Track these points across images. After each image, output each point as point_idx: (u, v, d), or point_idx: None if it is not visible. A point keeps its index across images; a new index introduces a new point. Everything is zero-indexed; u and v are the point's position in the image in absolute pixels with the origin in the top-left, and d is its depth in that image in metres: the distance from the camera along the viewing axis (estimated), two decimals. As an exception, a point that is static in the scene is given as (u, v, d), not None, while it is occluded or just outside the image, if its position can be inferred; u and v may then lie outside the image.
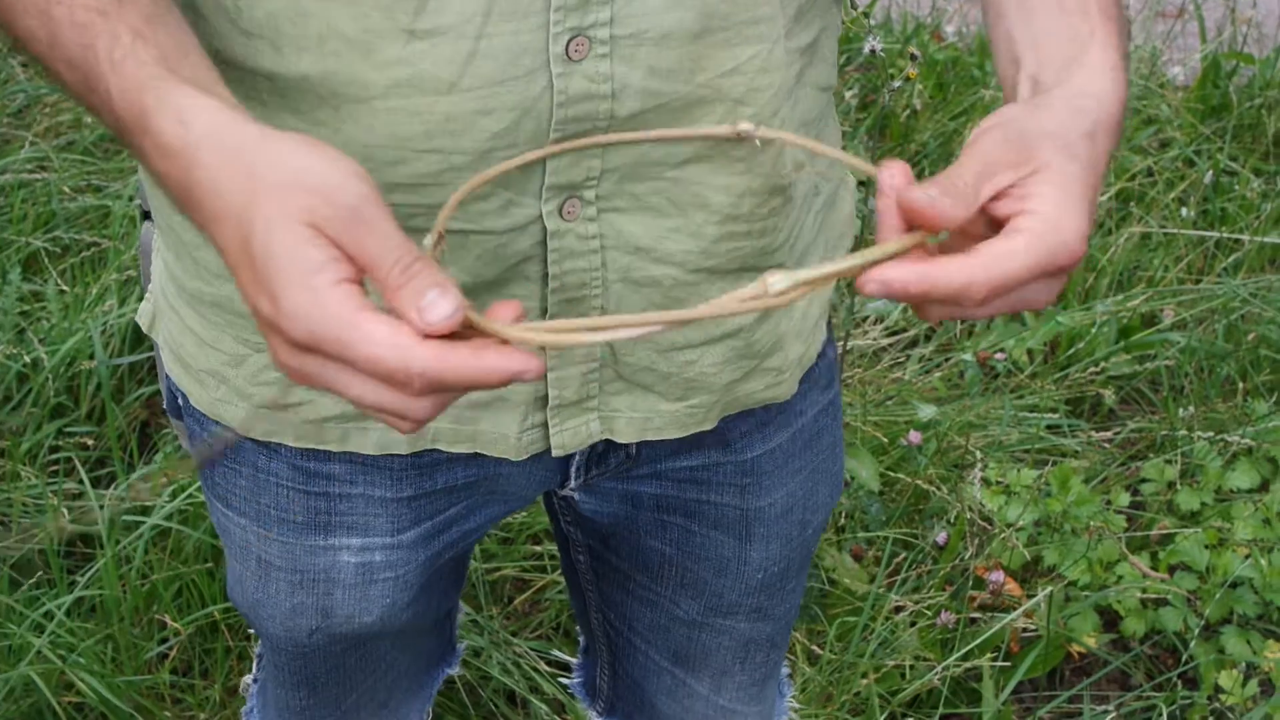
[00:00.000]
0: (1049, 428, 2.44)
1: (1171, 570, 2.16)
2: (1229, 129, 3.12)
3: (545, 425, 1.02)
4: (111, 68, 0.74)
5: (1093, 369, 2.52)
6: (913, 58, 2.65)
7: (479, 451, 1.02)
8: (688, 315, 0.69)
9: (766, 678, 1.32)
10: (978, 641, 1.97)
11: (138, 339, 2.40)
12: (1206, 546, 2.17)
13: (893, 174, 0.74)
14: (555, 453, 1.03)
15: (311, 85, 0.84)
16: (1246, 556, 2.13)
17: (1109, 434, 2.46)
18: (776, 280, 0.70)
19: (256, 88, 0.86)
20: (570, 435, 1.03)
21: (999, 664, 2.00)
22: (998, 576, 2.04)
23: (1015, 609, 2.04)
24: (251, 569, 1.13)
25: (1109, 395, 2.49)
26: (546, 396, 1.00)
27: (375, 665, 1.22)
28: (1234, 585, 2.11)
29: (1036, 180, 0.76)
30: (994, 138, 0.78)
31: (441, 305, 0.68)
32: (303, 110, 0.86)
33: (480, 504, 1.11)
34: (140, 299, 2.38)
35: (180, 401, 1.09)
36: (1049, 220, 0.75)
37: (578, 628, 1.49)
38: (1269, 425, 2.36)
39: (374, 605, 1.11)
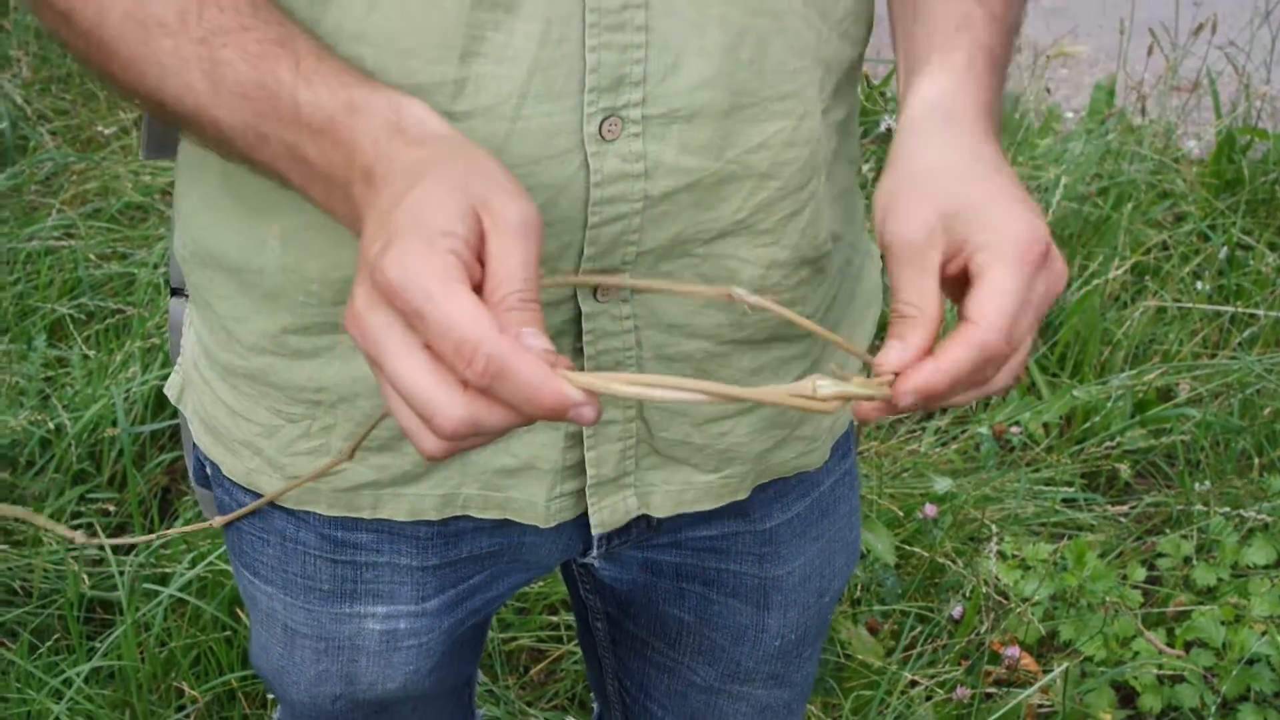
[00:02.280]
0: (1065, 501, 2.44)
1: (1188, 646, 2.16)
2: (1243, 203, 3.14)
3: (574, 495, 1.03)
4: (300, 77, 0.76)
5: (1108, 443, 2.53)
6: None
7: (508, 518, 1.03)
8: (736, 393, 0.70)
9: None
10: (994, 718, 1.97)
11: (160, 406, 2.42)
12: (1223, 623, 2.16)
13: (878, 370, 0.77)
14: (595, 530, 1.04)
15: None
16: (1263, 633, 2.12)
17: (1125, 508, 2.46)
18: (824, 385, 0.72)
19: None
20: (609, 512, 1.04)
21: (1015, 740, 2.00)
22: (1014, 652, 2.04)
23: (1031, 684, 2.04)
24: (277, 636, 1.14)
25: (1124, 469, 2.50)
26: (576, 467, 1.01)
27: None
28: (1251, 662, 2.11)
29: (956, 223, 0.78)
30: (896, 229, 0.79)
31: (538, 340, 0.67)
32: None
33: (504, 572, 1.12)
34: (164, 365, 2.42)
35: (210, 471, 1.10)
36: (997, 238, 0.77)
37: (592, 695, 1.50)
38: (1285, 501, 2.37)
39: (397, 672, 1.12)
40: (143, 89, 0.80)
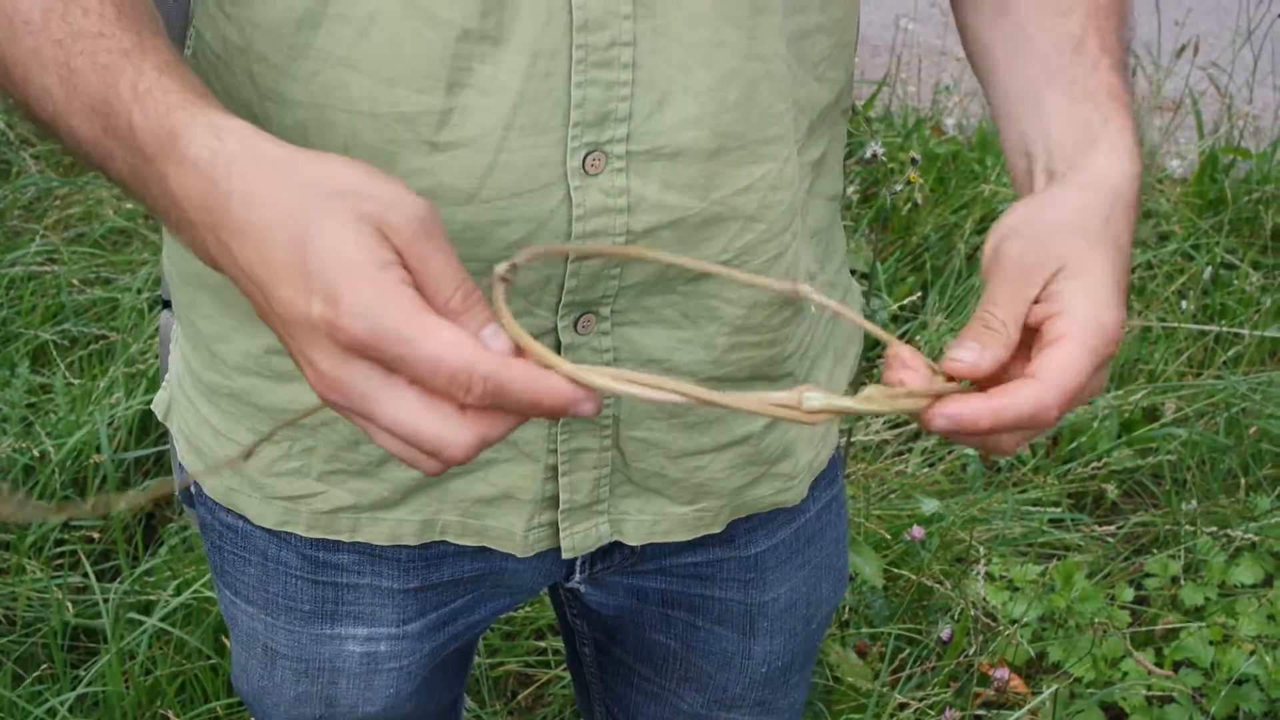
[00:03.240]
0: (1052, 522, 2.44)
1: (1176, 666, 2.16)
2: (1226, 223, 3.15)
3: (552, 525, 1.03)
4: (135, 98, 0.72)
5: (1095, 463, 2.53)
6: (913, 162, 2.68)
7: (486, 546, 1.03)
8: (716, 398, 0.68)
9: None
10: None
11: (144, 431, 2.41)
12: (1211, 643, 2.16)
13: (906, 364, 0.76)
14: (565, 554, 1.04)
15: None
16: (1252, 653, 2.12)
17: (1112, 528, 2.46)
18: (813, 397, 0.70)
19: None
20: (580, 538, 1.04)
21: (1004, 762, 1.99)
22: (1003, 674, 2.04)
23: (1020, 706, 2.03)
24: (258, 656, 1.14)
25: (1111, 489, 2.50)
26: (555, 498, 1.01)
27: None
28: (1239, 682, 2.10)
29: (1063, 278, 0.78)
30: (1013, 249, 0.80)
31: (500, 341, 0.67)
32: None
33: (486, 596, 1.12)
34: (148, 390, 2.41)
35: (193, 489, 1.10)
36: (1087, 317, 0.77)
37: None
38: (1272, 520, 2.37)
39: (378, 695, 1.12)
40: (10, 88, 0.78)
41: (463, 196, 0.85)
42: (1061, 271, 0.78)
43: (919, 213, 3.11)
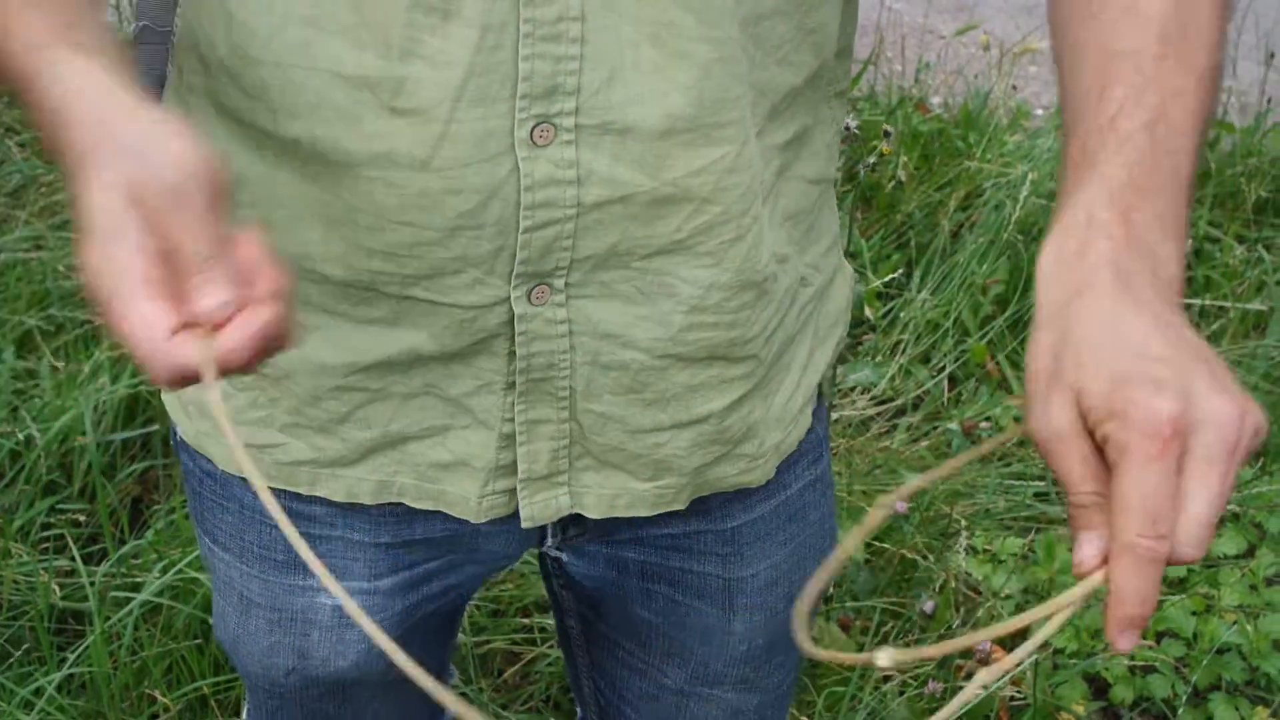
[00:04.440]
0: (1036, 495, 2.45)
1: (1159, 637, 2.17)
2: (1210, 196, 3.16)
3: (508, 493, 1.04)
4: (6, 35, 0.77)
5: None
6: (886, 134, 2.69)
7: (440, 509, 1.05)
8: None
9: None
10: (965, 709, 1.97)
11: (130, 416, 2.42)
12: (1193, 613, 2.18)
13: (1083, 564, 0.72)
14: (524, 524, 1.05)
15: (303, 148, 0.88)
16: (1234, 623, 2.13)
17: (1096, 501, 2.46)
18: (882, 658, 0.69)
19: (258, 143, 0.91)
20: (540, 508, 1.04)
21: (988, 733, 2.00)
22: (985, 645, 2.05)
23: (1003, 677, 2.04)
24: (234, 604, 1.15)
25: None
26: (510, 466, 1.02)
27: (358, 718, 1.23)
28: (1221, 651, 2.12)
29: (1104, 399, 0.71)
30: (1040, 426, 0.74)
31: (210, 298, 0.71)
32: (297, 167, 0.90)
33: (461, 561, 1.12)
34: (134, 374, 2.41)
35: (175, 437, 1.13)
36: (1119, 430, 0.70)
37: (573, 698, 1.50)
38: (1254, 491, 2.38)
39: (349, 649, 1.13)
40: None
41: (416, 163, 0.86)
42: (1081, 405, 0.72)
43: (903, 190, 3.11)
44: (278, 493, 1.06)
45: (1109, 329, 0.73)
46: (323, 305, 0.96)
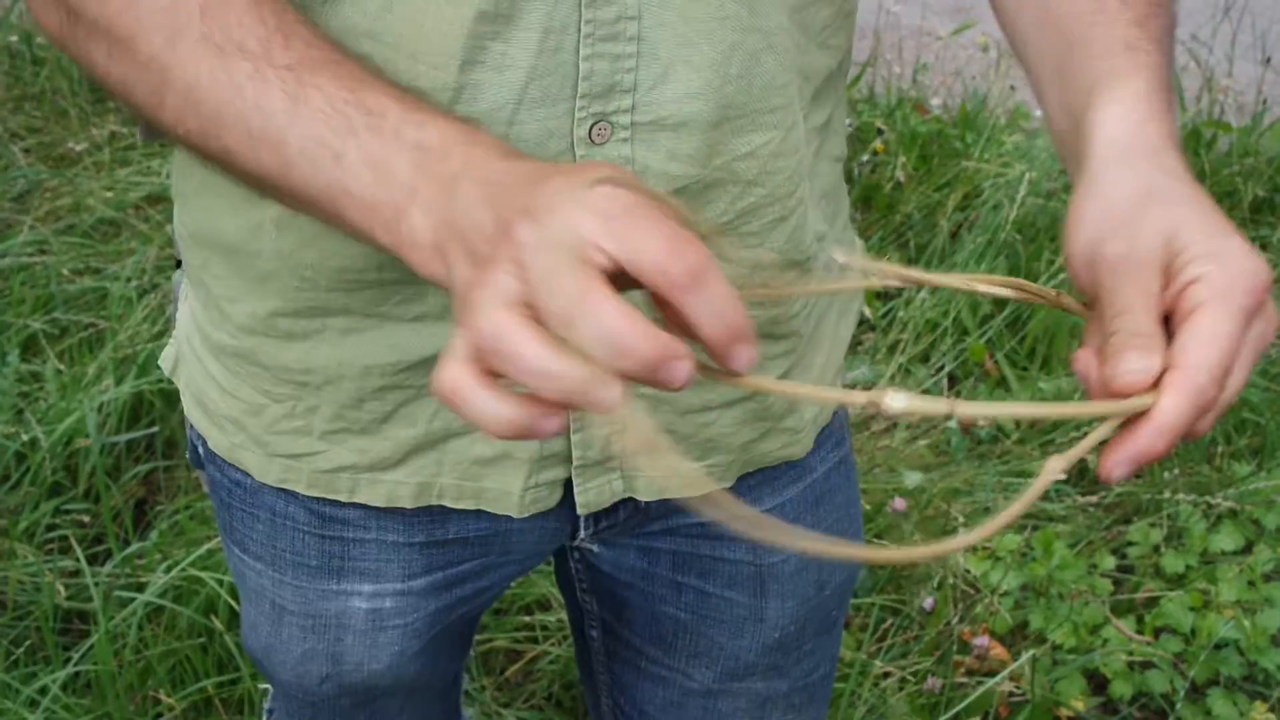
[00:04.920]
0: (1035, 493, 2.46)
1: (1157, 633, 2.18)
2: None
3: (550, 485, 1.04)
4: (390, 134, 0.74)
5: (1076, 434, 2.55)
6: (879, 132, 2.70)
7: (481, 508, 1.05)
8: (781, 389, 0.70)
9: None
10: (964, 704, 1.98)
11: (134, 418, 2.43)
12: (1191, 609, 2.19)
13: (1086, 366, 0.74)
14: (580, 511, 1.06)
15: None
16: (1231, 618, 2.14)
17: (1095, 498, 2.48)
18: (895, 400, 0.67)
19: None
20: (595, 494, 1.05)
21: (987, 728, 2.02)
22: (983, 641, 2.06)
23: (1002, 673, 2.06)
24: (265, 613, 1.15)
25: (1091, 459, 2.51)
26: (554, 456, 1.03)
27: None
28: (1219, 647, 2.13)
29: (1177, 250, 0.74)
30: (1117, 248, 0.76)
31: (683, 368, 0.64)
32: None
33: (495, 564, 1.13)
34: (139, 376, 2.43)
35: (201, 450, 1.12)
36: (1216, 275, 0.72)
37: (584, 703, 1.48)
38: (1251, 487, 2.39)
39: (383, 653, 1.13)
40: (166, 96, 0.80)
41: None
42: (1168, 244, 0.74)
43: (902, 191, 3.13)
44: (314, 500, 1.06)
45: (1189, 190, 0.77)
46: (366, 310, 0.96)
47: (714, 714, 1.26)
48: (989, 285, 0.78)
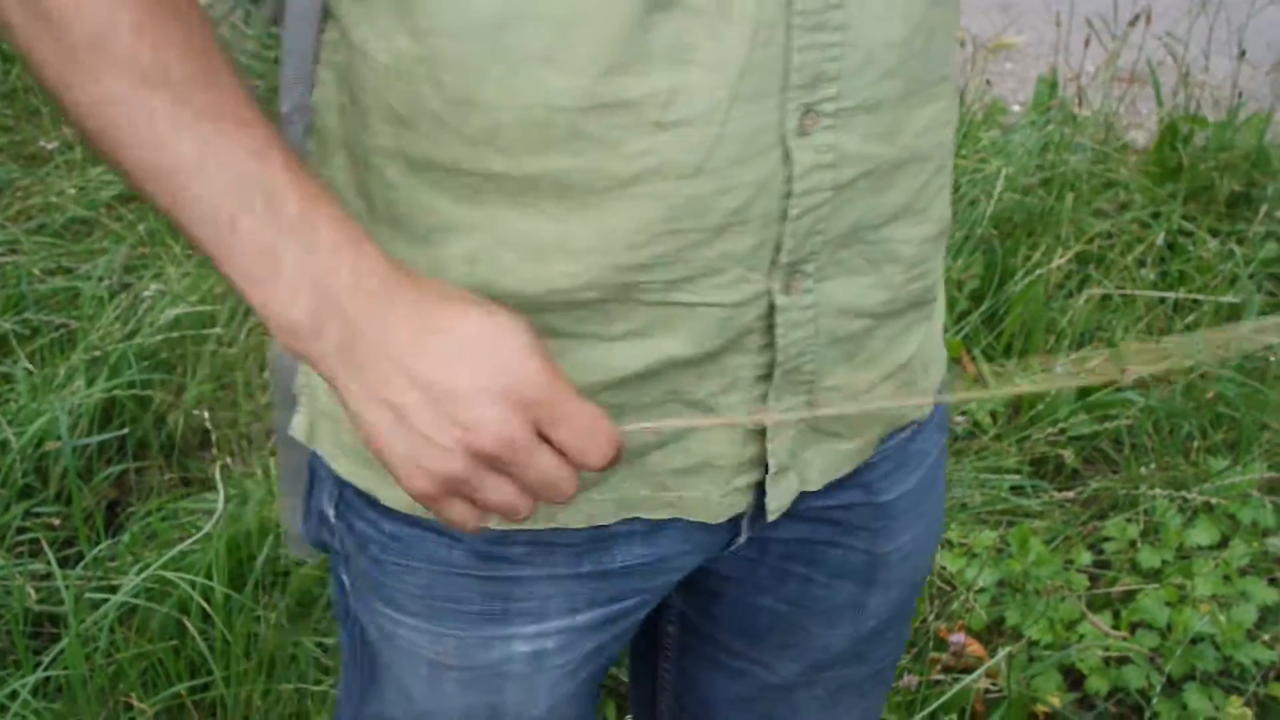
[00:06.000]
0: (1012, 489, 2.46)
1: (1133, 628, 2.18)
2: (1184, 191, 3.18)
3: (742, 490, 1.03)
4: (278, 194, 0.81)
5: (1054, 430, 2.55)
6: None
7: (678, 516, 1.03)
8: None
9: None
10: (940, 702, 1.98)
11: (106, 419, 2.42)
12: (1167, 604, 2.19)
13: None
14: (771, 516, 1.05)
15: (546, 182, 0.87)
16: (1207, 613, 2.14)
17: (1071, 494, 2.48)
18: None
19: (476, 189, 0.88)
20: (781, 496, 1.05)
21: (964, 726, 2.01)
22: (960, 638, 2.06)
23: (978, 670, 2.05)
24: (421, 676, 1.10)
25: (1069, 455, 2.52)
26: (749, 461, 1.02)
27: None
28: (1195, 641, 2.13)
29: None
30: None
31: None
32: (526, 204, 0.88)
33: (647, 600, 1.10)
34: (110, 377, 2.41)
35: (333, 514, 1.08)
36: None
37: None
38: (1227, 481, 2.39)
39: (540, 698, 1.10)
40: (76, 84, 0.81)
41: (688, 170, 0.86)
42: None
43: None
44: (480, 540, 1.03)
45: None
46: (569, 330, 0.93)
47: (787, 705, 1.24)
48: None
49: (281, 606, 2.05)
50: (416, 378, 0.79)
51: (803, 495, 1.09)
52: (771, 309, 0.94)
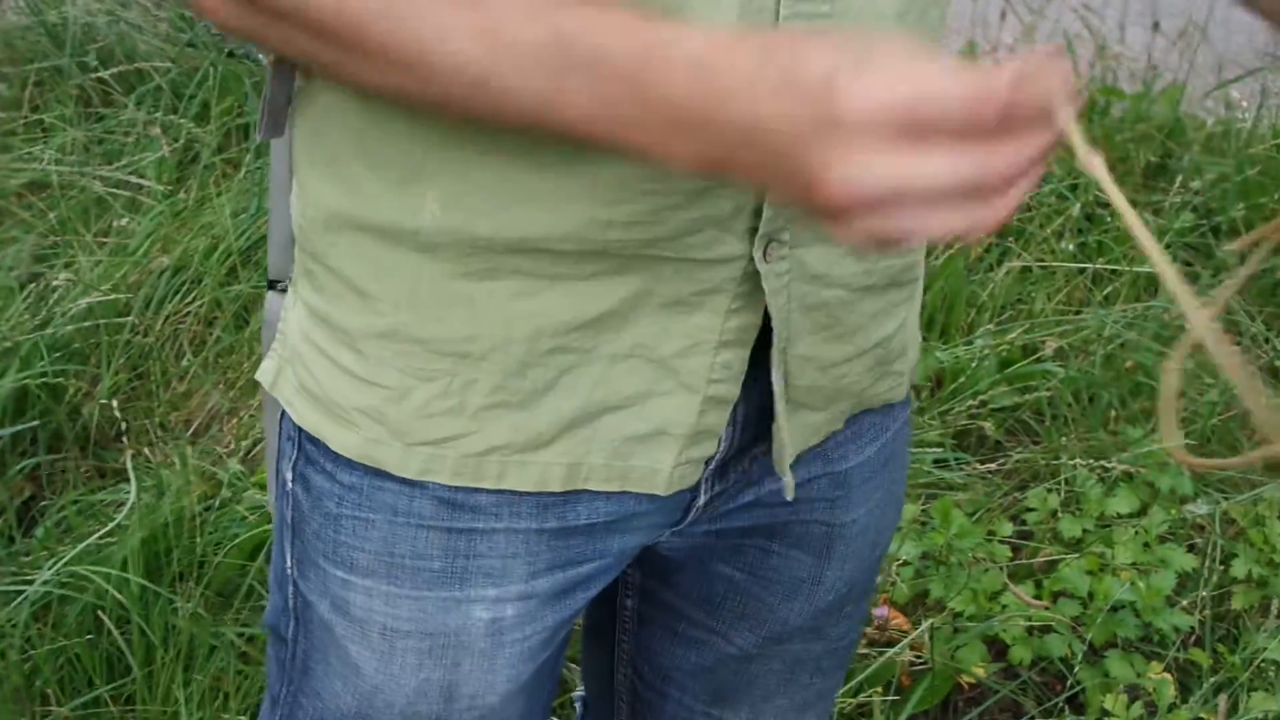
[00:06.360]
0: (935, 462, 2.47)
1: (1056, 597, 2.20)
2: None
3: (695, 463, 1.03)
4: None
5: (975, 403, 2.57)
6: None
7: (627, 489, 1.02)
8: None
9: (807, 706, 1.29)
10: (865, 674, 1.99)
11: (19, 411, 2.37)
12: (1088, 572, 2.21)
13: None
14: (788, 496, 1.05)
15: (541, 140, 0.86)
16: (1128, 581, 2.17)
17: (994, 465, 2.50)
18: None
19: (455, 129, 0.88)
20: (783, 469, 1.04)
21: (890, 698, 2.02)
22: (883, 611, 2.07)
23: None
24: (374, 646, 1.07)
25: (990, 427, 2.54)
26: (705, 432, 1.02)
27: None
28: (1116, 609, 2.15)
29: None
30: None
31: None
32: (508, 151, 0.88)
33: (607, 566, 1.09)
34: (21, 370, 2.37)
35: (292, 468, 1.06)
36: None
37: (579, 691, 1.44)
38: (1145, 450, 2.42)
39: (499, 678, 1.08)
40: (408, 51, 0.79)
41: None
42: None
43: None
44: (446, 489, 1.01)
45: None
46: (539, 272, 0.93)
47: (744, 677, 1.24)
48: None
49: (199, 596, 2.02)
50: (811, 96, 0.71)
51: (765, 478, 1.09)
52: (744, 276, 0.95)
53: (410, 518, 1.03)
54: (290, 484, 1.07)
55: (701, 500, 1.08)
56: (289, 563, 1.09)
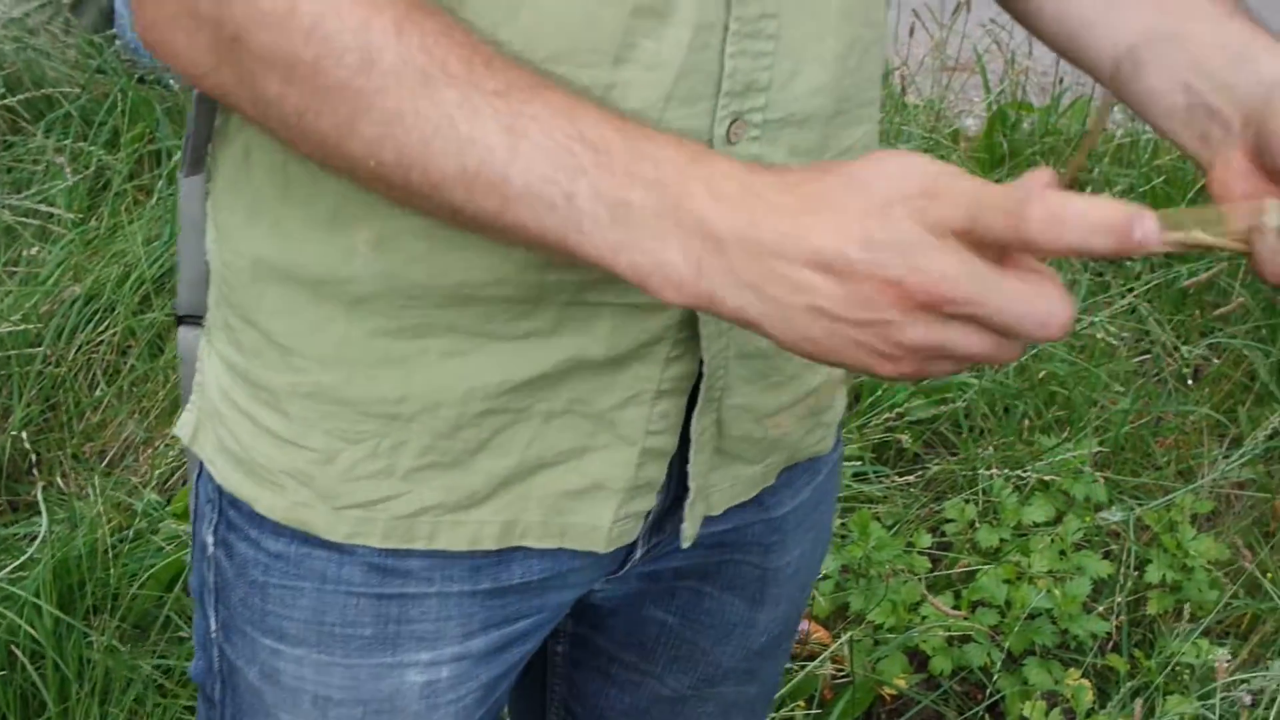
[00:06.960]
0: (854, 475, 2.49)
1: (974, 607, 2.22)
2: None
3: (635, 517, 1.01)
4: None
5: (893, 415, 2.59)
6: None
7: (565, 546, 1.00)
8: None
9: None
10: (787, 689, 2.00)
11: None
12: (1006, 581, 2.23)
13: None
14: (685, 544, 1.03)
15: None
16: (1045, 589, 2.20)
17: (912, 477, 2.52)
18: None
19: None
20: (692, 523, 1.03)
21: (812, 712, 2.03)
22: (804, 625, 2.08)
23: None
24: (306, 714, 1.04)
25: (907, 439, 2.56)
26: (645, 486, 0.99)
27: None
28: (1033, 617, 2.18)
29: None
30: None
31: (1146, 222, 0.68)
32: None
33: (545, 621, 1.07)
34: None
35: (214, 534, 1.02)
36: None
37: None
38: (1059, 458, 2.45)
39: None
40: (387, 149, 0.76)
41: None
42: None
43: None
44: (376, 553, 0.98)
45: None
46: (472, 329, 0.90)
47: (678, 718, 1.23)
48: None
49: (114, 629, 2.00)
50: (816, 259, 0.70)
51: (707, 521, 1.08)
52: (682, 323, 0.93)
53: (340, 585, 0.99)
54: (211, 548, 1.03)
55: (639, 553, 1.07)
56: (213, 627, 1.06)
